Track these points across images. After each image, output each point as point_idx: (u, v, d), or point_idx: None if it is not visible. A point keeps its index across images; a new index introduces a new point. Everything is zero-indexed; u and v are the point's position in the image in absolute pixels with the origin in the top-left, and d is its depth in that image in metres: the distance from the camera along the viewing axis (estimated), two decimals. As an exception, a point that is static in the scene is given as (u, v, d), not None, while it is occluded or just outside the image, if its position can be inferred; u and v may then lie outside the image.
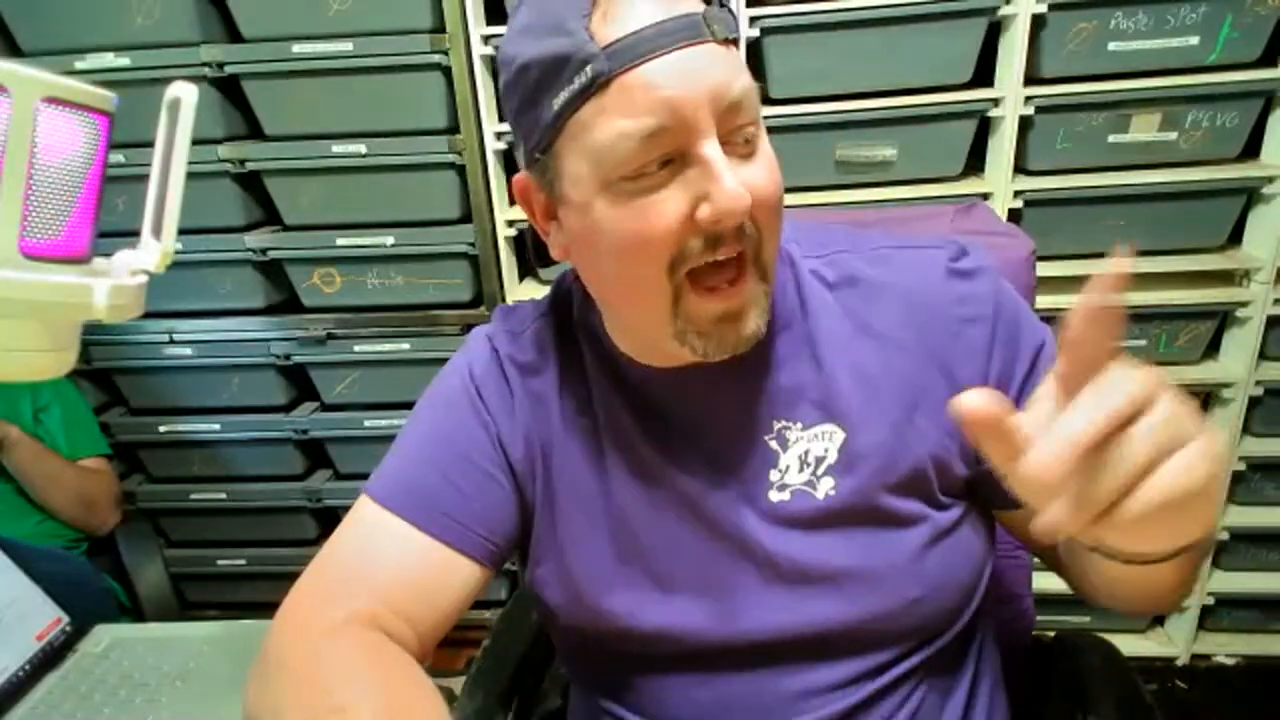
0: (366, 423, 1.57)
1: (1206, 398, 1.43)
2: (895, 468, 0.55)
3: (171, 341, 1.53)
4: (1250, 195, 1.32)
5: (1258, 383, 1.38)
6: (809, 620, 0.55)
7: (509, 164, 1.43)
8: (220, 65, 1.35)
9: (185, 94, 0.44)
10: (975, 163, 1.37)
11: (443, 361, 1.66)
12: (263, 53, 1.35)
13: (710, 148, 0.45)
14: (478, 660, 0.79)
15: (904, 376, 0.55)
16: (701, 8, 0.46)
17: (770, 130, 1.42)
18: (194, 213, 1.45)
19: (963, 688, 0.61)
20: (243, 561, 1.69)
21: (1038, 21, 1.23)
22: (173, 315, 1.53)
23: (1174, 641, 1.56)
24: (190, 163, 0.46)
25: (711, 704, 0.58)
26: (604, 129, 0.45)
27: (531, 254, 0.70)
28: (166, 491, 1.66)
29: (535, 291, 1.48)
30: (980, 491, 0.58)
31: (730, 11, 0.48)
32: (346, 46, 1.32)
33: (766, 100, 1.33)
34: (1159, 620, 1.59)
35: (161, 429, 1.60)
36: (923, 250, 0.58)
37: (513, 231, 1.43)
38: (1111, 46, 1.24)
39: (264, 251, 1.46)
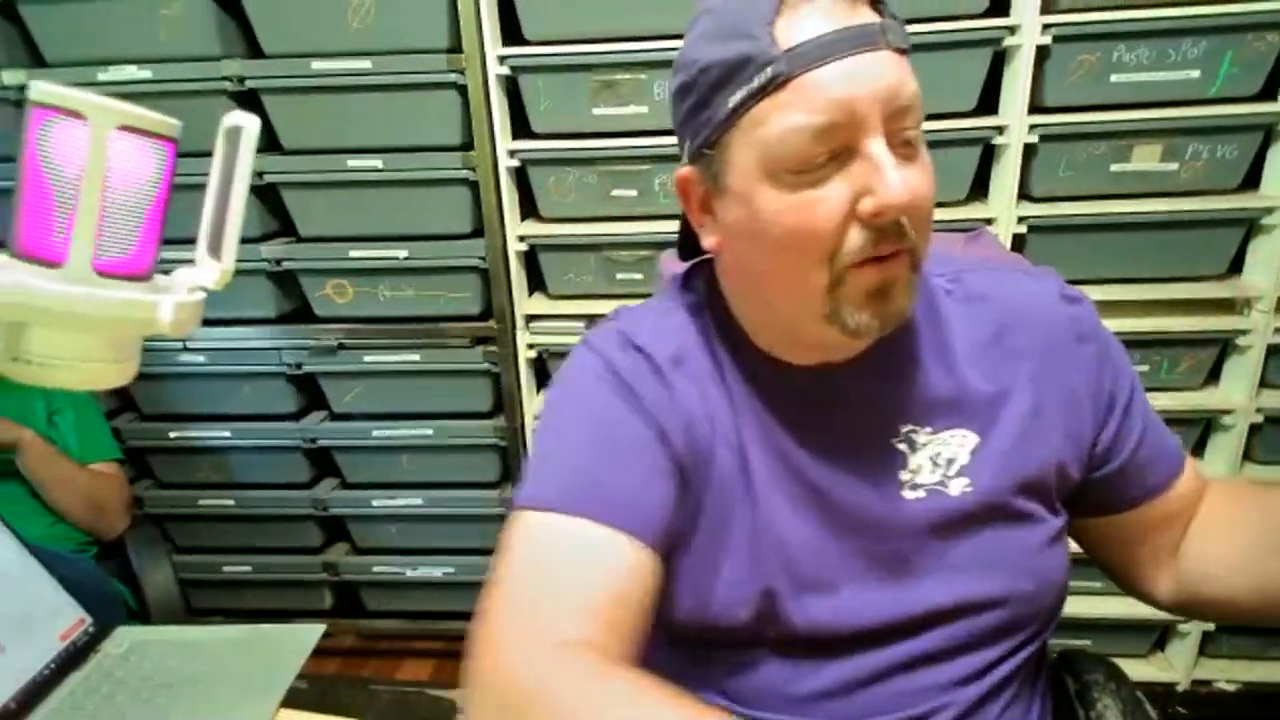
0: (375, 432, 1.59)
1: (1207, 424, 1.45)
2: (1023, 471, 0.59)
3: (185, 349, 1.56)
4: (1250, 226, 1.34)
5: (1258, 410, 1.40)
6: (930, 607, 0.58)
7: (521, 180, 1.46)
8: (241, 80, 1.39)
9: (247, 123, 0.46)
10: (979, 188, 1.39)
11: (452, 373, 1.67)
12: (283, 68, 1.38)
13: (876, 145, 0.49)
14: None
15: (1029, 386, 0.60)
16: (878, 19, 0.50)
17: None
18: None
19: (1038, 696, 0.66)
20: (248, 568, 1.71)
21: (1042, 52, 1.25)
22: (187, 323, 1.55)
23: (1174, 666, 1.56)
24: (208, 174, 0.49)
25: (818, 693, 0.59)
26: (777, 123, 0.49)
27: (679, 247, 0.70)
28: (175, 497, 1.68)
29: (544, 305, 1.51)
30: (1086, 498, 0.64)
31: (901, 24, 0.52)
32: (365, 64, 1.35)
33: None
34: (1159, 645, 1.60)
35: (172, 435, 1.62)
36: (1035, 276, 0.65)
37: (524, 246, 1.46)
38: (1114, 78, 1.26)
39: (278, 262, 1.49)
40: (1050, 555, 0.61)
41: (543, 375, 1.60)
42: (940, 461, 0.59)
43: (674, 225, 1.37)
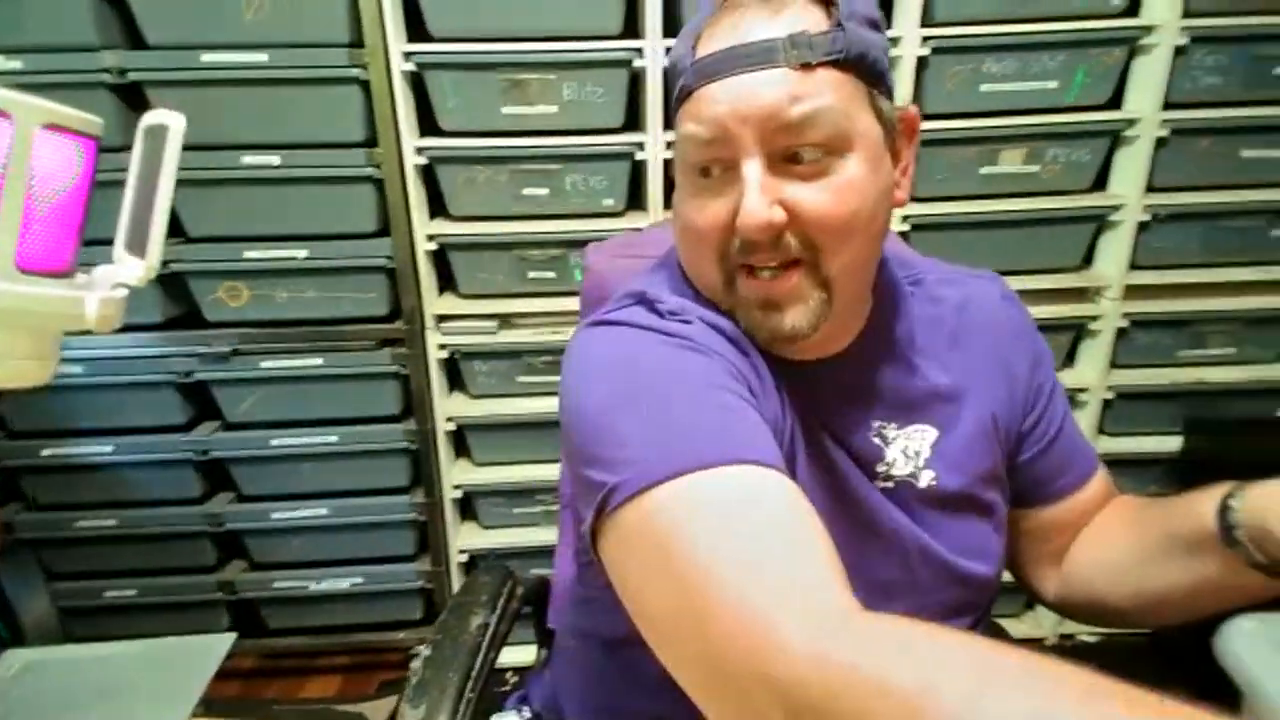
0: (273, 442, 1.52)
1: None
2: (982, 463, 0.63)
3: (60, 359, 1.44)
4: (1100, 222, 1.50)
5: (1109, 387, 1.56)
6: (897, 590, 0.61)
7: (429, 179, 1.44)
8: (122, 72, 1.30)
9: (173, 122, 0.46)
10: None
11: (358, 377, 1.63)
12: (169, 60, 1.31)
13: (748, 166, 0.51)
14: (418, 671, 0.80)
15: (983, 381, 0.64)
16: (787, 32, 0.50)
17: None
18: (89, 223, 1.38)
19: None
20: (134, 592, 1.60)
21: (921, 63, 1.36)
22: (59, 330, 1.44)
23: (1042, 625, 1.72)
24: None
25: None
26: (683, 130, 0.54)
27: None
28: (51, 520, 1.54)
29: (456, 305, 1.49)
30: (1015, 488, 0.68)
31: (845, 32, 0.50)
32: (261, 58, 1.30)
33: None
34: (1029, 605, 1.76)
35: (45, 452, 1.49)
36: (981, 278, 0.70)
37: (433, 245, 1.44)
38: (983, 88, 1.39)
39: (165, 264, 1.40)
40: (1002, 540, 0.65)
41: (454, 376, 1.58)
42: (909, 454, 0.62)
43: (586, 225, 1.42)
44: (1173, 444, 1.60)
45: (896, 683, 0.31)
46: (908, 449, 0.62)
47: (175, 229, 1.45)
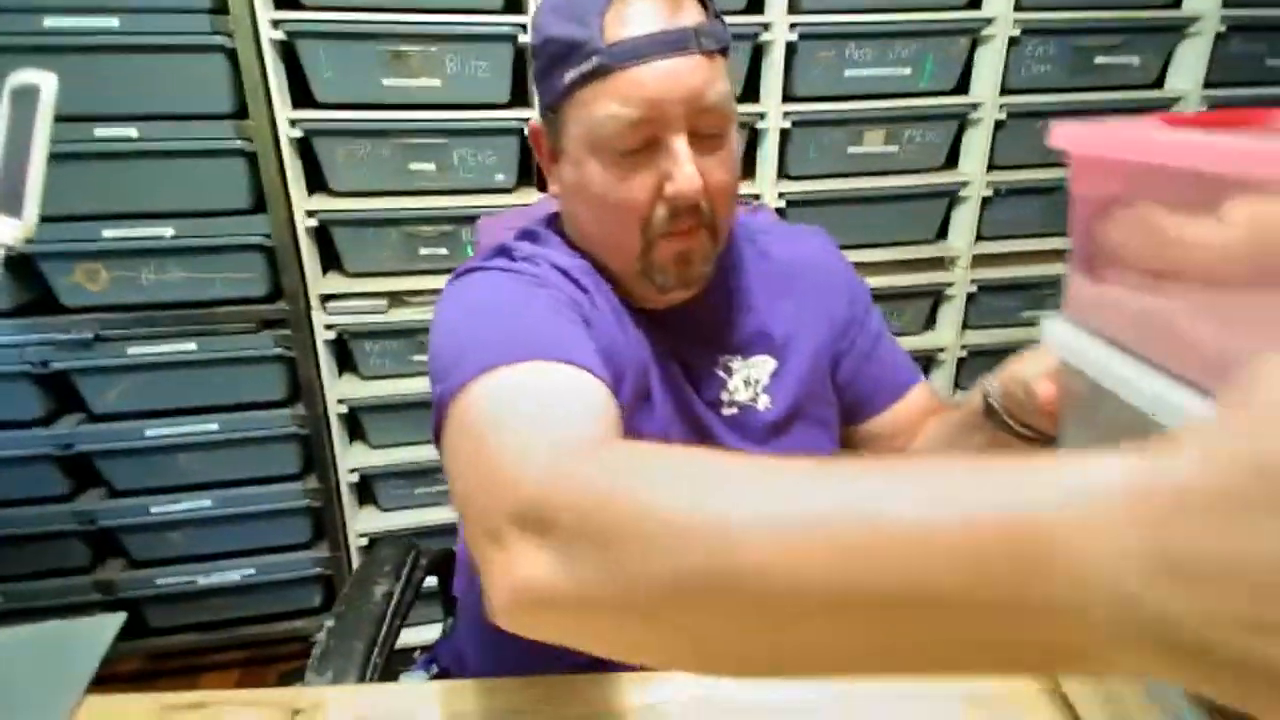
0: (148, 432, 1.45)
1: (928, 361, 1.77)
2: (810, 384, 0.73)
3: (-112, 352, 1.31)
4: (951, 198, 1.65)
5: (963, 346, 1.73)
6: None
7: (306, 152, 1.39)
8: (-52, 34, 1.18)
9: (44, 82, 0.45)
10: (748, 169, 1.57)
11: (237, 361, 1.57)
12: (8, 24, 1.19)
13: (678, 141, 0.57)
14: (323, 641, 0.81)
15: (809, 318, 0.74)
16: (695, 22, 0.57)
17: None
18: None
19: None
20: (0, 599, 1.48)
21: (790, 48, 1.44)
22: (-115, 321, 1.30)
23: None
24: None
25: None
26: (600, 108, 0.57)
27: (538, 183, 0.75)
28: (-116, 529, 1.41)
29: (340, 285, 1.46)
30: (844, 405, 0.78)
31: (722, 24, 0.59)
32: (111, 22, 1.21)
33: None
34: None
35: (-124, 455, 1.35)
36: (809, 233, 0.81)
37: (313, 222, 1.40)
38: (847, 73, 1.49)
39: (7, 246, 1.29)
40: (833, 447, 0.76)
41: (344, 357, 1.55)
42: (750, 382, 0.71)
43: (477, 200, 1.43)
44: (1016, 396, 1.78)
45: (624, 492, 0.31)
46: (749, 378, 0.71)
47: (20, 207, 1.33)
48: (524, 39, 1.35)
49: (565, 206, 0.67)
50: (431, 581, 1.00)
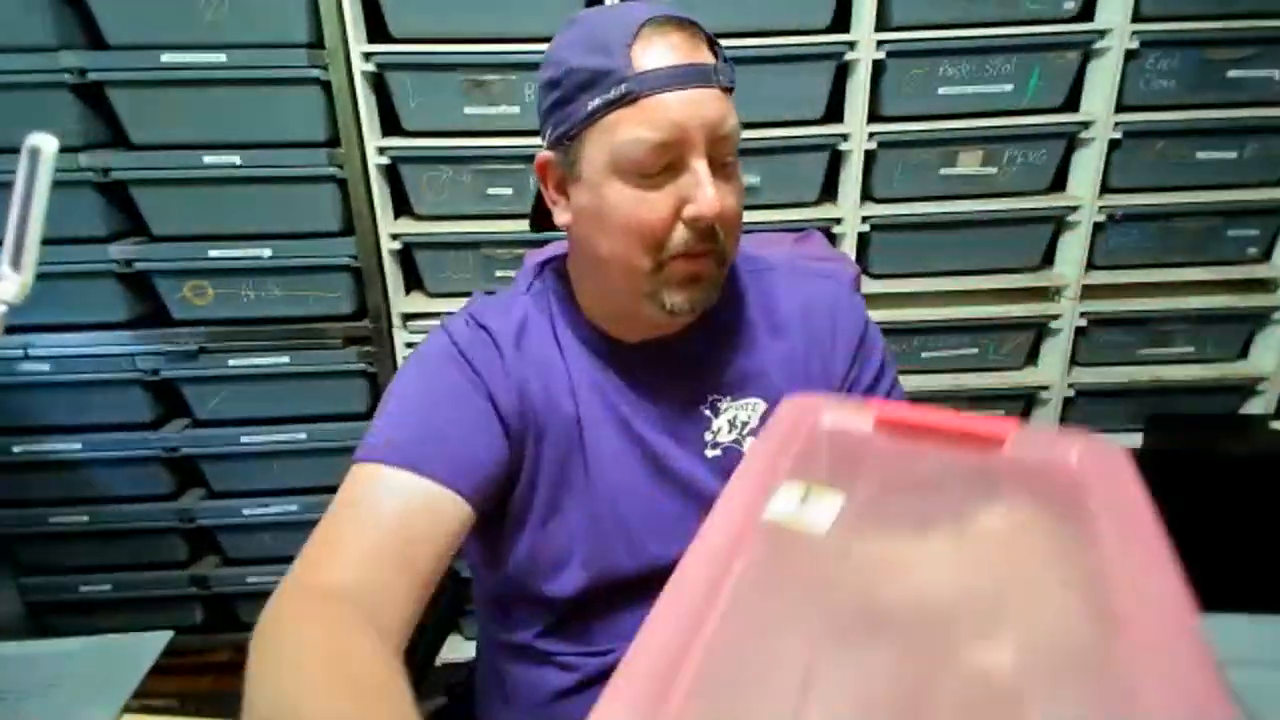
0: (243, 439, 1.54)
1: (1029, 399, 1.63)
2: None
3: (26, 357, 1.45)
4: (1059, 223, 1.52)
5: (1070, 385, 1.59)
6: None
7: (393, 178, 1.45)
8: (83, 72, 1.31)
9: (45, 145, 0.47)
10: (829, 191, 1.51)
11: (325, 375, 1.63)
12: (129, 60, 1.31)
13: (700, 164, 0.60)
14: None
15: (808, 365, 0.72)
16: (712, 60, 0.61)
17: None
18: (52, 222, 1.39)
19: None
20: (108, 587, 1.62)
21: (878, 66, 1.38)
22: (28, 330, 1.45)
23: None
24: None
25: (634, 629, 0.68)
26: (626, 132, 0.59)
27: (531, 219, 0.77)
28: (21, 515, 1.56)
29: (421, 304, 1.51)
30: None
31: (730, 67, 0.63)
32: (220, 58, 1.31)
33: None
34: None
35: (16, 449, 1.50)
36: (825, 279, 0.78)
37: (397, 245, 1.45)
38: (940, 90, 1.40)
39: (129, 263, 1.41)
40: None
41: (421, 374, 1.59)
42: (736, 424, 0.71)
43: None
44: (1134, 441, 1.62)
45: (252, 674, 0.48)
46: (735, 419, 0.71)
47: (139, 228, 1.46)
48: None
49: (577, 234, 0.67)
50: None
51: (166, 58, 1.30)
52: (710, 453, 0.70)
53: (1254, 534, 1.46)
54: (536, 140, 1.40)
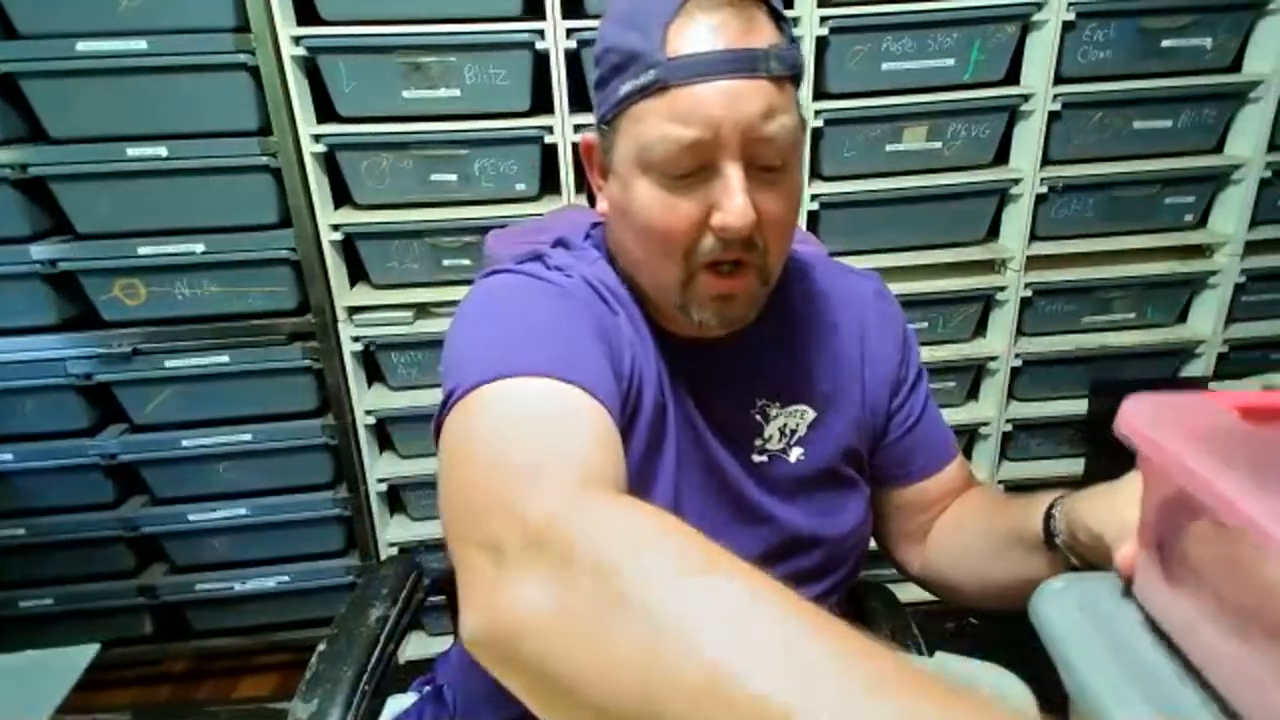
0: (185, 442, 1.49)
1: (979, 370, 1.66)
2: (846, 442, 0.68)
3: (-54, 366, 1.38)
4: (1002, 195, 1.54)
5: (1016, 355, 1.62)
6: (765, 550, 0.65)
7: (330, 166, 1.40)
8: (-10, 62, 1.24)
9: None
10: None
11: (268, 373, 1.59)
12: (42, 50, 1.24)
13: (732, 169, 0.53)
14: (313, 666, 0.80)
15: (852, 370, 0.69)
16: (767, 43, 0.52)
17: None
18: (-33, 223, 1.32)
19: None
20: (50, 601, 1.55)
21: (822, 43, 1.37)
22: (-54, 336, 1.38)
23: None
24: None
25: None
26: (654, 126, 0.53)
27: (587, 197, 0.70)
28: (-52, 532, 1.49)
29: (368, 296, 1.47)
30: (872, 469, 0.73)
31: (797, 48, 0.54)
32: (139, 45, 1.25)
33: (588, 109, 1.39)
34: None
35: (-62, 463, 1.43)
36: (860, 276, 0.74)
37: (338, 235, 1.41)
38: (884, 66, 1.40)
39: (54, 263, 1.35)
40: (858, 511, 0.70)
41: (372, 369, 1.56)
42: (786, 432, 0.66)
43: (498, 210, 1.40)
44: (1080, 407, 1.66)
45: (608, 561, 0.34)
46: (785, 426, 0.66)
47: (64, 226, 1.39)
48: (542, 45, 1.32)
49: (611, 225, 0.63)
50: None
51: (82, 46, 1.24)
52: (758, 459, 0.66)
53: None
54: (480, 125, 1.37)
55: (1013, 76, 1.47)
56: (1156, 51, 1.43)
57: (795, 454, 0.67)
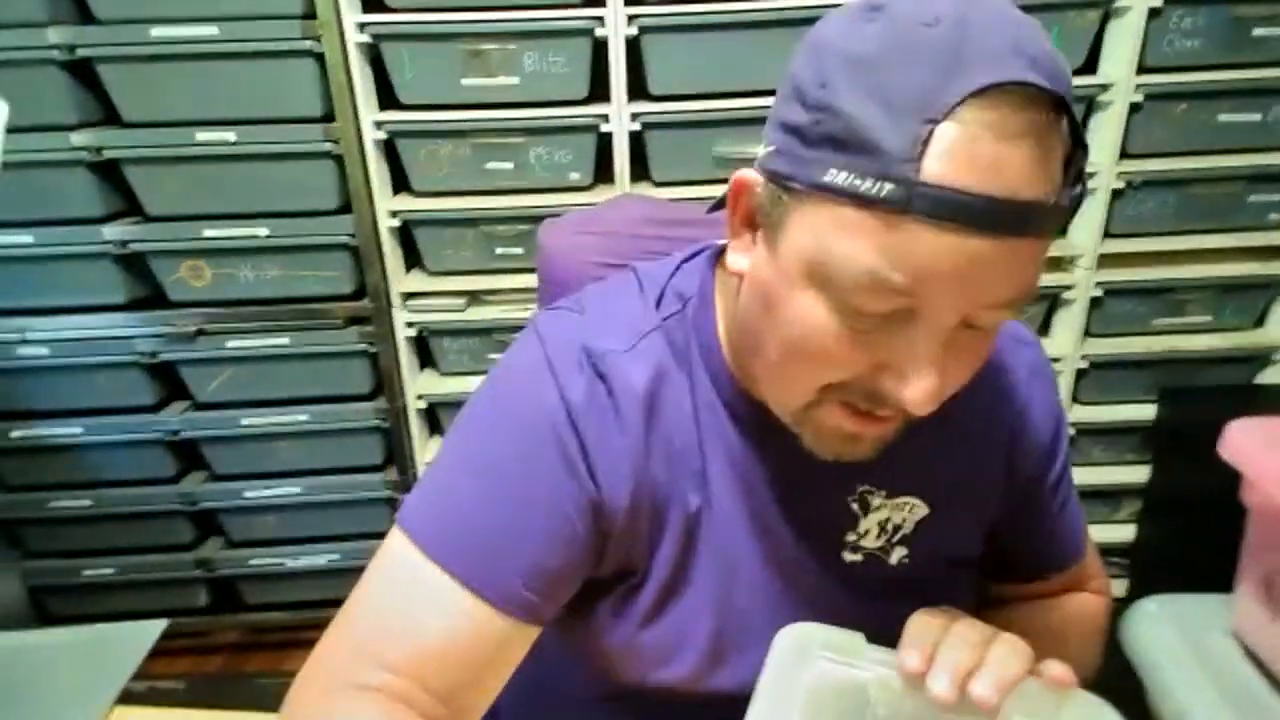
0: (243, 421, 1.52)
1: (1042, 373, 1.60)
2: (960, 543, 0.59)
3: (24, 341, 1.43)
4: (1073, 191, 1.47)
5: (1083, 356, 1.55)
6: None
7: (390, 153, 1.41)
8: (72, 48, 1.27)
9: None
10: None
11: (325, 356, 1.62)
12: (119, 35, 1.28)
13: (936, 338, 0.41)
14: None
15: (988, 462, 0.58)
16: (1045, 192, 0.38)
17: (650, 127, 1.43)
18: (45, 203, 1.37)
19: None
20: (111, 570, 1.61)
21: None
22: (25, 313, 1.43)
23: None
24: (39, 150, 0.46)
25: None
26: (857, 250, 0.39)
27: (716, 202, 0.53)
28: (23, 500, 1.55)
29: (422, 283, 1.48)
30: (991, 562, 0.63)
31: (1081, 189, 0.41)
32: (211, 30, 1.27)
33: (647, 97, 1.38)
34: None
35: (15, 434, 1.49)
36: (1019, 344, 0.60)
37: (396, 222, 1.42)
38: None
39: (124, 244, 1.39)
40: (965, 601, 0.59)
41: (424, 354, 1.57)
42: (888, 528, 0.56)
43: (552, 199, 1.40)
44: (1147, 412, 1.59)
45: None
46: (887, 522, 0.56)
47: (134, 208, 1.43)
48: (601, 32, 1.31)
49: (743, 295, 0.49)
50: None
51: (156, 31, 1.27)
52: (849, 557, 0.56)
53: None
54: (536, 112, 1.37)
55: (1090, 65, 1.41)
56: (1248, 41, 1.36)
57: (897, 554, 0.56)
